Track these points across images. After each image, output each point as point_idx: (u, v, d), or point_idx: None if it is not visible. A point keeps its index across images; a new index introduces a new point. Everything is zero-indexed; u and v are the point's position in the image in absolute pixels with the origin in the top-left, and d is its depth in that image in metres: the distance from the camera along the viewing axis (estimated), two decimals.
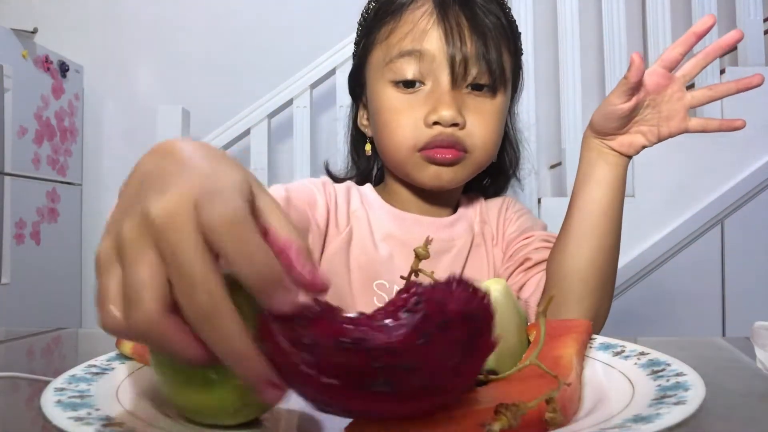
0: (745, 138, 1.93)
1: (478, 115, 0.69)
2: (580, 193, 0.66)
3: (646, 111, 0.62)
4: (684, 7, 2.21)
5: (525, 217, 0.80)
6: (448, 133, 0.67)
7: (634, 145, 0.64)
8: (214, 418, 0.31)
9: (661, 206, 1.89)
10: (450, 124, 0.67)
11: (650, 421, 0.27)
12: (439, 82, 0.68)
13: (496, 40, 0.70)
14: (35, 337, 0.71)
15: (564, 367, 0.36)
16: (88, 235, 2.73)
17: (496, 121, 0.71)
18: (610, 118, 0.62)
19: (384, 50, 0.71)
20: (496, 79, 0.69)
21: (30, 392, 0.46)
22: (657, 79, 0.61)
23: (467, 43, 0.68)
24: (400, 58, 0.69)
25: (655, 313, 1.87)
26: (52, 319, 2.36)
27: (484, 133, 0.70)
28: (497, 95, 0.71)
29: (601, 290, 0.65)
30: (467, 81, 0.69)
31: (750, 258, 1.89)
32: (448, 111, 0.66)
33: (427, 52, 0.68)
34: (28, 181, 2.32)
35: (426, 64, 0.68)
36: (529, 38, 1.97)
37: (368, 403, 0.26)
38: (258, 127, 2.04)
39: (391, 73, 0.70)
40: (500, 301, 0.42)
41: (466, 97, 0.69)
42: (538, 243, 0.73)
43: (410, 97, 0.69)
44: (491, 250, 0.77)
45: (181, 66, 2.74)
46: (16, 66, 2.24)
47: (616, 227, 0.65)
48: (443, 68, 0.68)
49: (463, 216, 0.78)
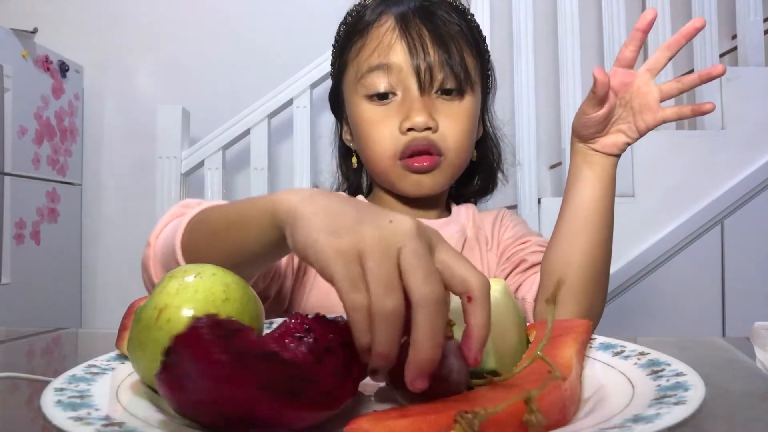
0: (745, 138, 1.93)
1: (449, 117, 0.73)
2: (570, 193, 0.68)
3: (619, 110, 0.65)
4: (684, 7, 2.21)
5: (521, 226, 0.83)
6: (422, 137, 0.72)
7: (617, 144, 0.66)
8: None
9: (661, 206, 1.89)
10: (423, 128, 0.71)
11: (650, 421, 0.27)
12: (409, 91, 0.73)
13: (458, 46, 0.74)
14: (35, 337, 0.71)
15: (564, 367, 0.36)
16: (88, 235, 2.73)
17: (467, 122, 0.75)
18: (587, 126, 0.65)
19: (355, 68, 0.76)
20: (462, 82, 0.74)
21: (30, 392, 0.46)
22: (620, 78, 0.63)
23: (430, 52, 0.72)
24: (370, 73, 0.74)
25: (655, 313, 1.87)
26: (52, 319, 2.36)
27: (456, 133, 0.74)
28: (465, 97, 0.75)
29: (595, 285, 0.66)
30: (434, 87, 0.73)
31: (750, 258, 1.89)
32: (420, 116, 0.71)
33: (393, 65, 0.73)
34: (28, 181, 2.32)
35: (394, 75, 0.73)
36: (529, 38, 1.97)
37: (276, 408, 0.29)
38: (258, 127, 2.04)
39: (363, 89, 0.75)
40: (500, 301, 0.42)
41: (436, 101, 0.73)
42: (534, 247, 0.76)
43: (384, 108, 0.74)
44: (485, 254, 0.79)
45: (181, 66, 2.74)
46: (16, 66, 2.24)
47: (607, 223, 0.67)
48: (410, 78, 0.72)
49: (455, 220, 0.81)
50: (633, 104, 0.63)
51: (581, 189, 0.66)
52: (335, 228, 0.33)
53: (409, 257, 0.32)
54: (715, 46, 1.97)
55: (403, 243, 0.32)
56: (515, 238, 0.79)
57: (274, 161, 2.09)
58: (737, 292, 1.88)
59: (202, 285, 0.37)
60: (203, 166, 2.07)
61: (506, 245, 0.79)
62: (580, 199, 0.66)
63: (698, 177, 1.92)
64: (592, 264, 0.66)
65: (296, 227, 0.35)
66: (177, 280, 0.37)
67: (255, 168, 2.04)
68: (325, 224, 0.34)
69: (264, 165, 2.03)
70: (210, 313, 0.33)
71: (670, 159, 1.92)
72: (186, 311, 0.35)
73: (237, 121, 2.05)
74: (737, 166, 1.92)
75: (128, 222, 2.66)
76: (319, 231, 0.33)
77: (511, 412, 0.29)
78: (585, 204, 0.66)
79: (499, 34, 2.11)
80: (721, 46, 2.08)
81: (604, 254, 0.67)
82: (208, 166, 2.06)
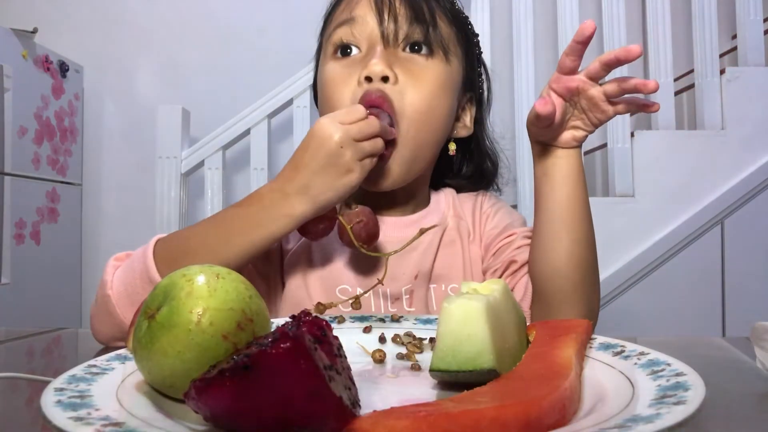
0: (745, 138, 1.93)
1: (411, 72, 0.69)
2: (541, 194, 0.66)
3: (570, 109, 0.63)
4: (684, 7, 2.21)
5: (502, 212, 0.78)
6: (376, 88, 0.66)
7: (576, 137, 0.64)
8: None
9: (661, 206, 1.89)
10: (380, 77, 0.66)
11: (650, 421, 0.27)
12: (373, 45, 0.69)
13: (431, 7, 0.71)
14: (35, 337, 0.71)
15: (564, 367, 0.36)
16: (88, 235, 2.73)
17: (432, 84, 0.69)
18: (541, 134, 0.64)
19: (327, 33, 0.74)
20: (430, 38, 0.70)
21: (30, 392, 0.46)
22: (563, 83, 0.62)
23: (396, 5, 0.70)
24: (336, 29, 0.71)
25: (655, 313, 1.87)
26: (52, 319, 2.36)
27: (417, 92, 0.68)
28: (434, 57, 0.70)
29: (588, 286, 0.65)
30: (399, 39, 0.69)
31: (750, 258, 1.90)
32: (378, 65, 0.66)
33: (357, 17, 0.70)
34: (28, 181, 2.32)
35: (357, 27, 0.70)
36: (529, 39, 1.97)
37: (338, 414, 0.29)
38: (258, 127, 2.04)
39: (331, 46, 0.72)
40: (500, 301, 0.42)
41: (401, 56, 0.70)
42: (520, 241, 0.73)
43: (346, 62, 0.70)
44: (467, 247, 0.75)
45: (181, 66, 2.74)
46: (16, 66, 2.24)
47: (585, 218, 0.65)
48: (375, 30, 0.69)
49: (434, 210, 0.77)
50: (581, 104, 0.62)
51: (552, 187, 0.65)
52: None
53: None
54: (715, 46, 1.97)
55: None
56: (499, 230, 0.75)
57: (274, 161, 2.09)
58: (737, 292, 1.88)
59: (230, 285, 0.37)
60: (203, 166, 2.07)
61: (490, 238, 0.76)
62: (553, 198, 0.64)
63: (698, 177, 1.92)
64: (580, 264, 0.64)
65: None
66: (201, 282, 0.37)
67: (255, 168, 2.04)
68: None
69: (264, 165, 2.03)
70: (247, 315, 0.36)
71: (670, 159, 1.92)
72: (228, 312, 0.36)
73: (237, 121, 2.05)
74: (737, 166, 1.92)
75: (128, 222, 2.66)
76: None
77: (511, 412, 0.29)
78: (559, 204, 0.64)
79: (499, 34, 2.12)
80: (721, 46, 2.08)
81: (589, 251, 0.65)
82: (208, 166, 2.06)
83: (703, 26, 1.97)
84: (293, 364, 0.28)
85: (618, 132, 1.92)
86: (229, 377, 0.29)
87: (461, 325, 0.38)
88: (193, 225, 0.66)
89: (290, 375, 0.28)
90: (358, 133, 0.60)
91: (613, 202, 1.87)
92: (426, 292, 0.71)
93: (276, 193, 0.60)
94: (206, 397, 0.29)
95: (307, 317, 0.34)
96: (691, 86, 2.17)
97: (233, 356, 0.31)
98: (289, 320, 0.34)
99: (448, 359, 0.38)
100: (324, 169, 0.59)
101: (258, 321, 0.37)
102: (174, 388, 0.35)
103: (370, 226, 0.62)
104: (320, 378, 0.28)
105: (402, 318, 0.57)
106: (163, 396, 0.36)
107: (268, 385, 0.28)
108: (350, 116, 0.60)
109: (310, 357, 0.28)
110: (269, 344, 0.29)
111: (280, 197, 0.60)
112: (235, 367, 0.29)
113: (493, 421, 0.28)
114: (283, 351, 0.28)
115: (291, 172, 0.61)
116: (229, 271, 0.39)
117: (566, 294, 0.64)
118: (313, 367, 0.28)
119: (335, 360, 0.32)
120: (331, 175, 0.59)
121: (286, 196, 0.60)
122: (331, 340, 0.33)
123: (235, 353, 0.33)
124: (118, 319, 0.59)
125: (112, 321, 0.60)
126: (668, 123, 1.96)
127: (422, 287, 0.71)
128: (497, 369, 0.38)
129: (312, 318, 0.34)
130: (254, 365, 0.28)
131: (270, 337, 0.31)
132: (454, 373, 0.38)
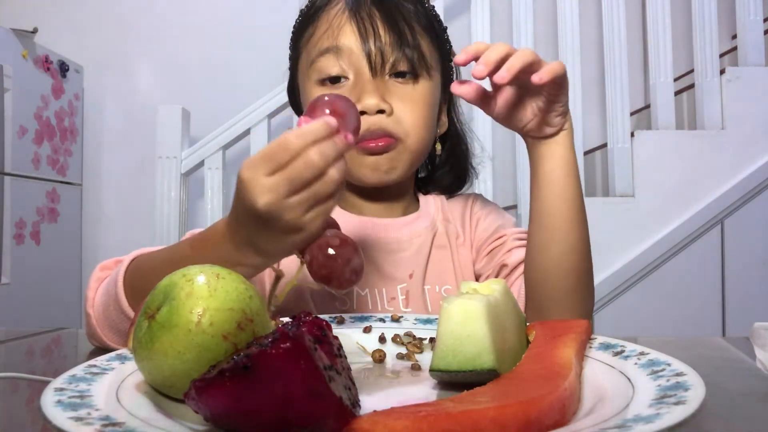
0: (745, 138, 1.93)
1: (403, 101, 0.70)
2: (531, 196, 0.65)
3: (526, 95, 0.62)
4: (684, 7, 2.21)
5: (493, 215, 0.79)
6: (375, 122, 0.68)
7: (548, 122, 0.62)
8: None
9: (661, 206, 1.89)
10: (375, 111, 0.68)
11: (650, 421, 0.27)
12: (361, 74, 0.70)
13: (412, 28, 0.72)
14: (35, 337, 0.71)
15: (563, 367, 0.36)
16: (88, 235, 2.73)
17: (423, 106, 0.72)
18: (518, 122, 0.63)
19: (307, 53, 0.74)
20: (415, 65, 0.71)
21: (30, 392, 0.46)
22: (503, 97, 0.61)
23: (381, 33, 0.70)
24: (321, 57, 0.71)
25: (655, 313, 1.87)
26: (52, 319, 2.36)
27: (412, 118, 0.70)
28: (420, 80, 0.72)
29: (580, 292, 0.64)
30: (387, 69, 0.70)
31: (750, 258, 1.90)
32: (372, 99, 0.68)
33: (343, 47, 0.70)
34: (28, 181, 2.32)
35: (345, 58, 0.70)
36: (529, 38, 1.97)
37: (338, 413, 0.29)
38: (258, 127, 2.04)
39: (315, 73, 0.72)
40: (500, 301, 0.42)
41: (389, 84, 0.71)
42: (511, 243, 0.73)
43: (335, 89, 0.71)
44: (457, 250, 0.76)
45: (181, 66, 2.74)
46: (16, 66, 2.24)
47: (574, 220, 0.63)
48: (361, 59, 0.70)
49: (424, 215, 0.78)
50: (533, 97, 0.61)
51: (539, 187, 0.63)
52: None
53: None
54: (715, 46, 1.97)
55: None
56: (491, 232, 0.76)
57: None
58: (737, 292, 1.88)
59: (230, 285, 0.37)
60: (203, 166, 2.07)
61: (481, 241, 0.76)
62: (540, 198, 0.63)
63: (698, 177, 1.92)
64: (570, 271, 0.63)
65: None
66: (201, 282, 0.37)
67: None
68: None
69: None
70: (247, 314, 0.36)
71: (670, 159, 1.92)
72: (228, 312, 0.36)
73: (237, 121, 2.05)
74: (737, 166, 1.92)
75: (128, 222, 2.66)
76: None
77: (511, 412, 0.29)
78: (547, 204, 0.63)
79: (499, 34, 2.11)
80: (721, 46, 2.08)
81: (579, 257, 0.63)
82: (208, 166, 2.06)
83: (703, 26, 1.97)
84: (293, 364, 0.28)
85: (618, 132, 1.92)
86: (229, 377, 0.29)
87: (461, 325, 0.38)
88: (157, 252, 0.59)
89: (290, 375, 0.28)
90: (297, 178, 0.44)
91: (613, 202, 1.87)
92: (422, 292, 0.72)
93: (228, 244, 0.51)
94: (206, 397, 0.29)
95: (307, 317, 0.34)
96: (691, 86, 2.17)
97: (233, 356, 0.31)
98: (289, 320, 0.34)
99: (448, 359, 0.38)
100: (261, 233, 0.47)
101: (258, 321, 0.37)
102: (174, 388, 0.35)
103: (338, 263, 0.47)
104: (320, 378, 0.28)
105: (402, 318, 0.57)
106: (163, 396, 0.36)
107: (268, 386, 0.28)
108: (282, 155, 0.44)
109: (310, 357, 0.28)
110: (269, 344, 0.29)
111: (233, 248, 0.50)
112: (235, 368, 0.29)
113: (493, 421, 0.28)
114: (283, 351, 0.28)
115: (234, 224, 0.50)
116: (229, 272, 0.39)
117: (555, 301, 0.63)
118: (313, 367, 0.28)
119: (335, 360, 0.32)
120: (275, 235, 0.47)
121: (237, 247, 0.50)
122: (331, 340, 0.33)
123: (235, 353, 0.33)
124: (101, 340, 0.59)
125: (97, 339, 0.59)
126: (668, 123, 1.96)
127: (418, 287, 0.71)
128: (497, 369, 0.38)
129: (312, 318, 0.34)
130: (254, 365, 0.28)
131: (270, 337, 0.31)
132: (454, 373, 0.38)
